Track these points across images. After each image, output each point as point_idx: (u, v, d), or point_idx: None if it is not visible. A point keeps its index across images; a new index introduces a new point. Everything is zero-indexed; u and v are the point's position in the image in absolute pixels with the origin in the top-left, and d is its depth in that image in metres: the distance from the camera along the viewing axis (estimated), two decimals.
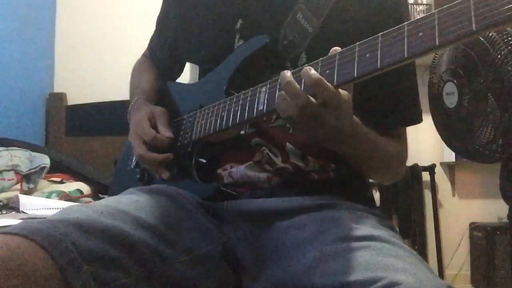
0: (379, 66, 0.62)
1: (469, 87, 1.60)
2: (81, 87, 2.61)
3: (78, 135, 2.47)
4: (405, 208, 2.95)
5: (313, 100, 0.67)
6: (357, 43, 0.66)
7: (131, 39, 2.20)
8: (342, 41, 0.70)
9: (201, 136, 0.89)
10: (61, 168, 1.99)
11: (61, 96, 2.55)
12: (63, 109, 2.52)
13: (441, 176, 3.16)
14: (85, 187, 1.88)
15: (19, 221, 0.81)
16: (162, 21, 1.14)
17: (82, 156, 2.28)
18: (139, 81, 1.14)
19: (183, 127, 0.96)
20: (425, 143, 3.02)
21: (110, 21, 2.70)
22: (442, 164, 3.16)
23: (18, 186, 1.72)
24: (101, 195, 1.85)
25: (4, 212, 1.42)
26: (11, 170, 1.72)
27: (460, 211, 3.15)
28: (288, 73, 0.69)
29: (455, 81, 1.66)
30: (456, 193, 3.20)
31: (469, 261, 3.06)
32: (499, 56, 1.47)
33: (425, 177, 3.04)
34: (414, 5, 2.90)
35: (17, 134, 2.11)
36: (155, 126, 0.94)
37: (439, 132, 1.84)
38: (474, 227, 3.03)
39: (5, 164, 1.72)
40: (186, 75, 1.24)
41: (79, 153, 2.32)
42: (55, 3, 2.70)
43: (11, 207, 1.47)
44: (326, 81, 0.66)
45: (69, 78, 2.64)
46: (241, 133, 0.85)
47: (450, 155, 2.96)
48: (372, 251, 0.65)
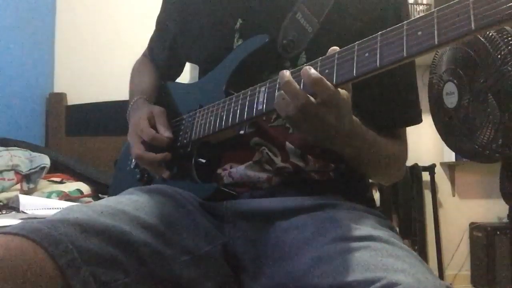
0: (378, 65, 0.62)
1: (469, 87, 1.60)
2: (81, 87, 2.60)
3: (78, 135, 2.47)
4: (405, 208, 2.95)
5: (313, 99, 0.67)
6: (356, 43, 0.66)
7: (131, 39, 2.19)
8: (341, 41, 0.70)
9: (201, 136, 0.89)
10: (61, 168, 1.99)
11: (61, 96, 2.55)
12: (63, 109, 2.52)
13: (441, 176, 3.16)
14: (85, 187, 1.88)
15: (19, 221, 0.81)
16: (162, 21, 1.14)
17: (82, 156, 2.28)
18: (139, 81, 1.14)
19: (183, 127, 0.95)
20: (425, 143, 3.02)
21: (110, 21, 2.70)
22: (442, 164, 3.15)
23: (18, 186, 1.72)
24: (101, 195, 1.84)
25: (4, 212, 1.42)
26: (11, 170, 1.72)
27: (460, 211, 3.15)
28: (287, 73, 0.69)
29: (455, 81, 1.66)
30: (456, 193, 3.20)
31: (469, 261, 3.06)
32: (499, 56, 1.47)
33: (425, 177, 3.04)
34: (414, 5, 2.90)
35: (17, 134, 2.11)
36: (154, 126, 0.94)
37: (439, 132, 1.84)
38: (474, 227, 3.03)
39: (5, 164, 1.72)
40: (186, 75, 1.24)
41: (79, 153, 2.32)
42: (55, 3, 2.70)
43: (11, 207, 1.47)
44: (326, 80, 0.66)
45: (69, 78, 2.64)
46: (241, 133, 0.84)
47: (450, 155, 2.96)
48: (371, 251, 0.65)
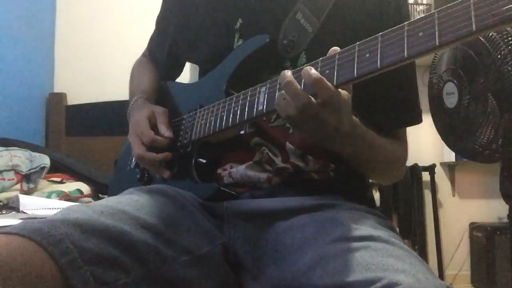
0: (379, 66, 0.62)
1: (469, 87, 1.60)
2: (81, 87, 2.60)
3: (78, 135, 2.46)
4: (405, 208, 2.95)
5: (313, 100, 0.67)
6: (357, 43, 0.66)
7: (130, 39, 2.19)
8: (342, 41, 0.70)
9: (201, 136, 0.89)
10: (61, 168, 1.98)
11: (61, 96, 2.55)
12: (63, 109, 2.52)
13: (441, 176, 3.16)
14: (85, 187, 1.88)
15: (19, 221, 0.81)
16: (161, 21, 1.14)
17: (82, 156, 2.28)
18: (139, 81, 1.14)
19: (183, 127, 0.95)
20: (425, 143, 3.01)
21: (110, 22, 2.70)
22: (442, 164, 3.15)
23: (18, 186, 1.72)
24: (101, 195, 1.84)
25: (4, 212, 1.42)
26: (11, 170, 1.72)
27: (460, 211, 3.15)
28: (288, 73, 0.69)
29: (455, 81, 1.66)
30: (456, 193, 3.20)
31: (469, 261, 3.06)
32: (499, 56, 1.47)
33: (425, 177, 3.04)
34: (414, 5, 2.90)
35: (17, 134, 2.11)
36: (154, 125, 0.94)
37: (439, 132, 1.84)
38: (474, 227, 3.03)
39: (5, 164, 1.71)
40: (186, 75, 1.24)
41: (79, 153, 2.32)
42: (55, 3, 2.70)
43: (11, 207, 1.47)
44: (326, 81, 0.66)
45: (69, 78, 2.64)
46: (241, 133, 0.85)
47: (450, 155, 2.96)
48: (371, 251, 0.65)
